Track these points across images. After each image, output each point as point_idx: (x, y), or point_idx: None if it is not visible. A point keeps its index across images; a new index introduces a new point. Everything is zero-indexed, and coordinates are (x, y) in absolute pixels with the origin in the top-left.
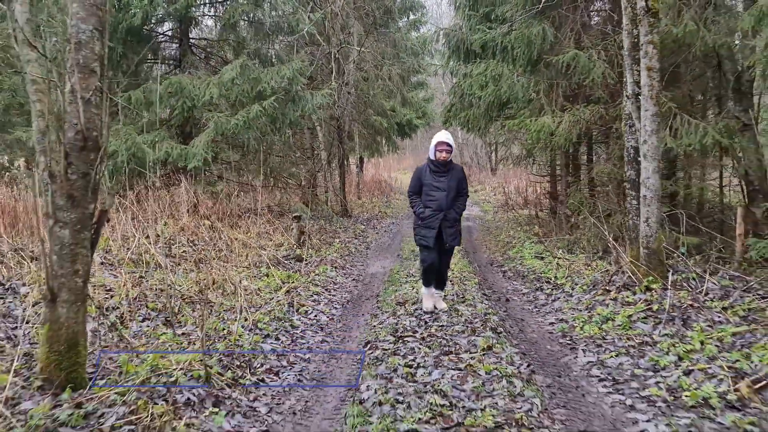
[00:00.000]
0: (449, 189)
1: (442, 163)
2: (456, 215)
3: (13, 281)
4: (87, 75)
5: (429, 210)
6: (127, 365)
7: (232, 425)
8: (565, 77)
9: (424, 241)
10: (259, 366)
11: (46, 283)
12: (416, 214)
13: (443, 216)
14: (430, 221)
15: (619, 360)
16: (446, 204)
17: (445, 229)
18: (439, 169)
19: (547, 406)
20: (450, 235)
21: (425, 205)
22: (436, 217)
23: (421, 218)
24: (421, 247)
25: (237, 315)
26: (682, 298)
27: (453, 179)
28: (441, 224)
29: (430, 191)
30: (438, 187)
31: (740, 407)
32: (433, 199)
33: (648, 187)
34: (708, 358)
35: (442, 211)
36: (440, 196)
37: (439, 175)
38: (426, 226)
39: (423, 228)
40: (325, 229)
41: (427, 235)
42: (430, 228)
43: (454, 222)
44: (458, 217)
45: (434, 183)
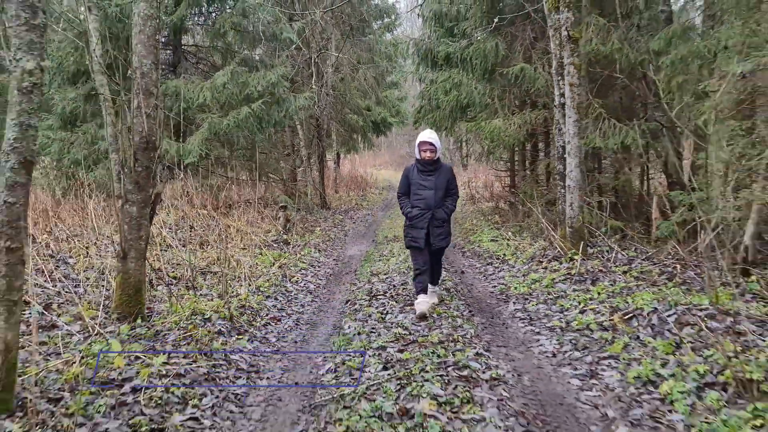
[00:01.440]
0: (437, 188)
1: (428, 162)
2: (445, 215)
3: (62, 254)
4: (148, 96)
5: (417, 209)
6: (175, 306)
7: (253, 346)
8: (516, 86)
9: (414, 243)
10: (266, 315)
11: (120, 245)
12: (405, 215)
13: (431, 215)
14: (418, 221)
15: (537, 307)
16: (434, 203)
17: (433, 229)
18: (426, 168)
19: (478, 333)
20: (438, 235)
21: (413, 205)
22: (423, 216)
23: (409, 218)
24: (411, 249)
25: (242, 282)
26: (595, 265)
27: (441, 178)
28: (429, 224)
29: (417, 190)
30: (425, 186)
31: (609, 329)
32: (420, 198)
33: (571, 178)
34: (599, 302)
35: (430, 210)
36: (428, 195)
37: (426, 174)
38: (414, 226)
39: (411, 228)
40: (306, 219)
41: (417, 236)
42: (418, 228)
43: (442, 222)
44: (447, 217)
45: (421, 182)
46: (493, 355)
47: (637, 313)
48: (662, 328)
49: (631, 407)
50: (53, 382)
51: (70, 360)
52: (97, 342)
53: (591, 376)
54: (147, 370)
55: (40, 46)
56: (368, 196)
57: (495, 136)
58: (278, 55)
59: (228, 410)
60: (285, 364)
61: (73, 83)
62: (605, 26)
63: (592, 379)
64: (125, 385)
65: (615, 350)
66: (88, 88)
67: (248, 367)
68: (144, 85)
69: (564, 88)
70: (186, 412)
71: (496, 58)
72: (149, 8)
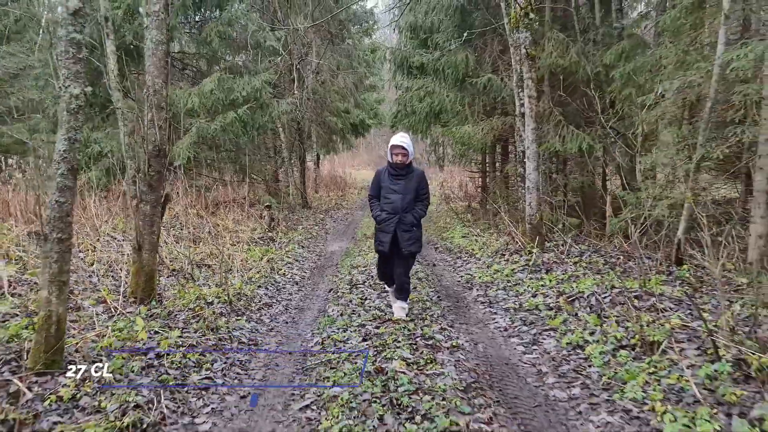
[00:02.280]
0: (406, 192)
1: (400, 166)
2: (413, 219)
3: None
4: (159, 111)
5: (385, 213)
6: (182, 292)
7: (250, 326)
8: (484, 94)
9: (381, 246)
10: (259, 301)
11: (136, 239)
12: (374, 218)
13: (398, 219)
14: (385, 225)
15: (496, 293)
16: (402, 207)
17: (401, 233)
18: (397, 173)
19: (444, 313)
20: (407, 239)
21: (382, 209)
22: (391, 220)
23: (378, 222)
24: (378, 253)
25: (235, 274)
26: (550, 257)
27: (411, 183)
28: (396, 228)
29: (387, 194)
30: (394, 190)
31: (554, 308)
32: (389, 202)
33: (530, 180)
34: (549, 288)
35: (398, 215)
36: (396, 198)
37: (396, 178)
38: (381, 230)
39: (379, 232)
40: (289, 218)
41: (383, 240)
42: (385, 232)
43: (410, 226)
44: (416, 222)
45: (391, 186)
46: (455, 329)
47: (579, 295)
48: (597, 306)
49: (561, 364)
50: (91, 349)
51: (101, 333)
52: (120, 320)
53: (533, 343)
54: (166, 341)
55: (83, 75)
56: (347, 196)
57: (465, 140)
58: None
59: (235, 372)
60: (279, 339)
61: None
62: (564, 41)
63: (533, 346)
64: (150, 352)
65: (555, 324)
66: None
67: (248, 341)
68: (156, 101)
69: (524, 99)
70: (201, 373)
71: (467, 69)
72: (159, 35)
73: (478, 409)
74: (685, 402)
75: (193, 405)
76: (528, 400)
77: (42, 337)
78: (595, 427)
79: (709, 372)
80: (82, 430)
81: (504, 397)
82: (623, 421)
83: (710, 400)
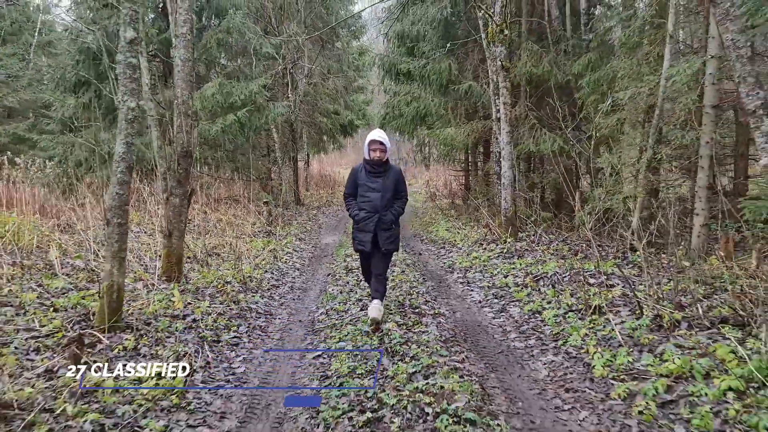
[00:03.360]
0: (385, 190)
1: (377, 162)
2: (392, 217)
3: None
4: (186, 118)
5: (364, 212)
6: (204, 273)
7: (263, 301)
8: (466, 99)
9: (361, 246)
10: (267, 283)
11: (166, 227)
12: (351, 217)
13: (378, 218)
14: (364, 224)
15: (474, 275)
16: (381, 205)
17: (380, 232)
18: (374, 170)
19: (428, 290)
20: (386, 238)
21: (360, 207)
22: (371, 219)
23: (356, 221)
24: (359, 253)
25: (244, 260)
26: (522, 246)
27: (389, 180)
28: (376, 227)
29: (365, 192)
30: (373, 188)
31: (521, 285)
32: (367, 201)
33: (505, 177)
34: (519, 270)
35: (377, 213)
36: (375, 197)
37: (374, 176)
38: (361, 229)
39: (358, 232)
40: (284, 214)
41: (363, 240)
42: (365, 231)
43: (390, 225)
44: (395, 220)
45: (369, 184)
46: (438, 302)
47: (543, 275)
48: (557, 284)
49: (522, 325)
50: (140, 314)
51: (146, 302)
52: (157, 293)
53: (501, 311)
54: (199, 309)
55: (138, 91)
56: (337, 193)
57: (448, 141)
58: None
59: (257, 334)
60: (289, 311)
61: (74, 92)
62: (538, 51)
63: (501, 313)
64: (187, 317)
65: (520, 296)
66: (88, 97)
67: (265, 312)
68: (183, 110)
69: (500, 105)
70: (230, 334)
71: (450, 76)
72: (186, 53)
73: (454, 354)
74: (611, 345)
75: (228, 355)
76: (493, 349)
77: (106, 302)
78: (543, 364)
79: (632, 325)
80: (144, 368)
81: (475, 347)
82: (564, 359)
83: (630, 343)
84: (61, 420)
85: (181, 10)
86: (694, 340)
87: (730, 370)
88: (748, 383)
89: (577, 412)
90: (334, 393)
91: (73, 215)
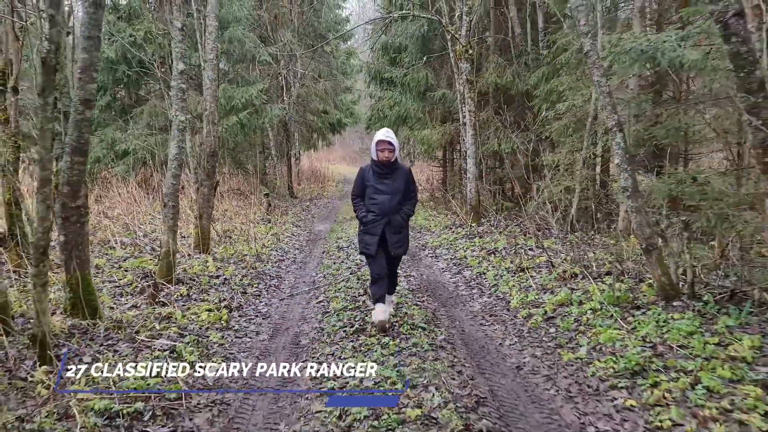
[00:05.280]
0: (394, 192)
1: (386, 164)
2: (401, 220)
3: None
4: (213, 125)
5: (372, 214)
6: (226, 248)
7: (274, 269)
8: (440, 104)
9: (367, 249)
10: (274, 258)
11: (198, 212)
12: (359, 219)
13: (387, 221)
14: (372, 227)
15: (441, 251)
16: (390, 208)
17: (390, 236)
18: (382, 171)
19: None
20: (395, 242)
21: (368, 209)
22: (379, 222)
23: (364, 223)
24: (366, 256)
25: (252, 241)
26: (483, 229)
27: (399, 181)
28: (385, 230)
29: (373, 194)
30: (381, 190)
31: (475, 257)
32: (376, 203)
33: (470, 172)
34: (476, 247)
35: (386, 216)
36: (384, 199)
37: (383, 177)
38: (368, 232)
39: (365, 234)
40: (279, 206)
41: (370, 242)
42: (372, 234)
43: (399, 228)
44: (404, 223)
45: (377, 185)
46: (410, 269)
47: (495, 250)
48: (504, 255)
49: (470, 282)
50: (186, 273)
51: (187, 266)
52: (195, 260)
53: (457, 273)
54: (228, 271)
55: (186, 108)
56: (326, 187)
57: (425, 141)
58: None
59: (272, 290)
60: (295, 276)
61: None
62: (502, 64)
63: (457, 275)
64: (220, 277)
65: (473, 264)
66: (106, 101)
67: (276, 276)
68: (210, 119)
69: (465, 112)
70: (253, 289)
71: (427, 84)
72: (213, 74)
73: (417, 297)
74: (526, 290)
75: (254, 302)
76: (446, 295)
77: (164, 263)
78: (479, 303)
79: (544, 279)
80: (199, 307)
81: (433, 294)
82: (493, 300)
83: (539, 288)
84: (154, 331)
85: (209, 41)
86: (581, 285)
87: (592, 298)
88: (601, 305)
89: (493, 326)
90: (333, 319)
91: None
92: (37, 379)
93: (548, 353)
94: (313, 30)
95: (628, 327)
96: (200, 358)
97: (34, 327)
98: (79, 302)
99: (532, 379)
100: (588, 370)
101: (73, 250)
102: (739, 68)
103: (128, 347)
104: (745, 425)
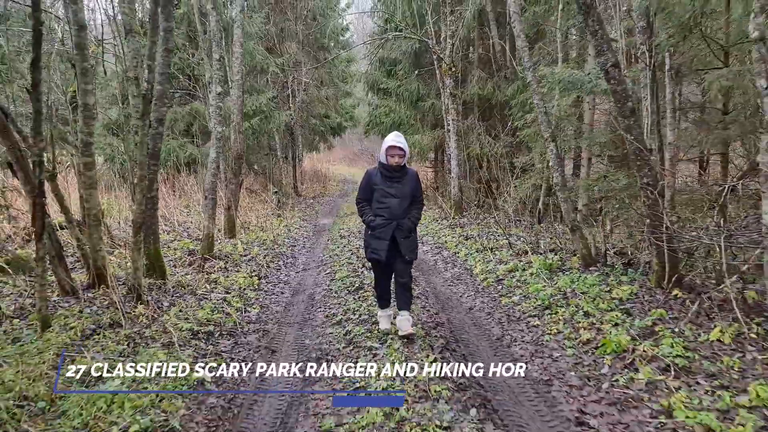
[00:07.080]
0: (403, 196)
1: (395, 168)
2: (411, 225)
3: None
4: (239, 134)
5: (380, 219)
6: (249, 233)
7: (289, 251)
8: (430, 113)
9: (375, 255)
10: (287, 244)
11: (227, 203)
12: (366, 224)
13: (396, 225)
14: (381, 231)
15: (427, 238)
16: (399, 212)
17: (401, 240)
18: (392, 175)
19: None
20: (407, 247)
21: (376, 214)
22: (388, 226)
23: (371, 228)
24: (372, 262)
25: (269, 231)
26: (464, 221)
27: (407, 185)
28: (395, 234)
29: (381, 198)
30: (391, 194)
31: (454, 242)
32: (384, 207)
33: (454, 172)
34: (457, 235)
35: (395, 220)
36: (393, 203)
37: (392, 181)
38: (376, 236)
39: (373, 239)
40: (287, 203)
41: (378, 248)
42: (380, 239)
43: (409, 232)
44: (413, 227)
45: (386, 189)
46: None
47: (472, 236)
48: (479, 239)
49: (447, 260)
50: (221, 252)
51: (221, 247)
52: (225, 243)
53: (437, 254)
54: (254, 251)
55: (224, 121)
56: (328, 187)
57: (417, 145)
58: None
59: (289, 266)
60: (306, 256)
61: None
62: (484, 77)
63: (436, 255)
64: (248, 255)
65: (450, 247)
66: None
67: (291, 256)
68: (237, 129)
69: (449, 121)
70: (275, 264)
71: (418, 94)
72: (239, 92)
73: None
74: (486, 263)
75: (276, 273)
76: (426, 268)
77: (206, 243)
78: (450, 273)
79: (503, 255)
80: (235, 275)
81: (416, 268)
82: (461, 271)
83: (497, 261)
84: (207, 290)
85: (235, 63)
86: (529, 258)
87: (533, 266)
88: (538, 271)
89: (458, 286)
90: (338, 284)
91: None
92: (139, 312)
93: (493, 301)
94: (316, 40)
95: (551, 283)
96: (245, 305)
97: (132, 279)
98: (153, 266)
99: (478, 314)
100: (516, 309)
101: (149, 228)
102: (617, 101)
103: (192, 298)
104: (600, 331)
